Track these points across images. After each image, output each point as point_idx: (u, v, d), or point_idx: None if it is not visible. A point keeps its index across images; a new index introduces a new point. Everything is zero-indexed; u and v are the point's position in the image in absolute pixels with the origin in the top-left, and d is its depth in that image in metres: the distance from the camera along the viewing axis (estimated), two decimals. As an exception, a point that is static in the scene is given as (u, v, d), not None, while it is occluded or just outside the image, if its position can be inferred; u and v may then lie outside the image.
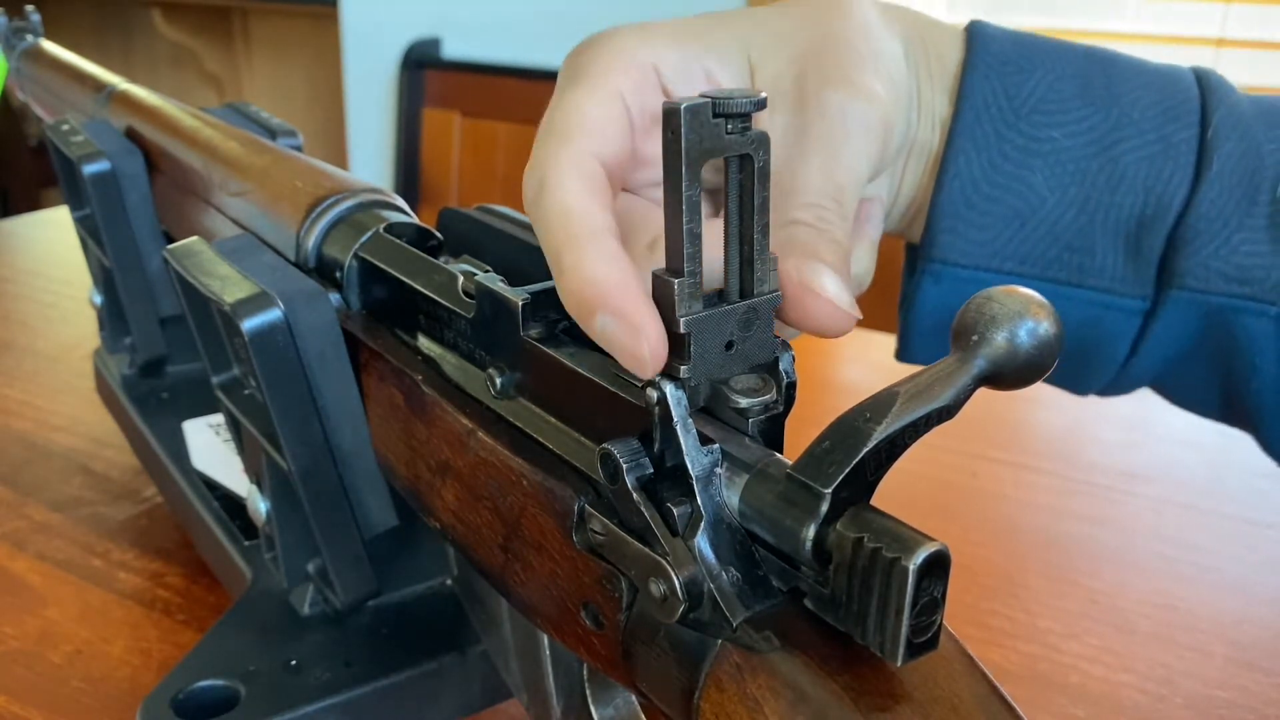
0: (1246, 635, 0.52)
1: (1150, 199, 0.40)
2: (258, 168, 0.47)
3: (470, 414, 0.33)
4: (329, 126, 2.26)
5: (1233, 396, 0.43)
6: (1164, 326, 0.41)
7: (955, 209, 0.41)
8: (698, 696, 0.25)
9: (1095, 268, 0.41)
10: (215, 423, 0.59)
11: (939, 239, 0.42)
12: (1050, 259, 0.41)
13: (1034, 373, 0.23)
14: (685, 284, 0.25)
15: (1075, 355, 0.44)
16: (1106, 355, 0.43)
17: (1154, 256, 0.41)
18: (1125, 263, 0.41)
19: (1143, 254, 0.41)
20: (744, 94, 0.24)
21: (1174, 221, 0.40)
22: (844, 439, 0.23)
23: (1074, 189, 0.41)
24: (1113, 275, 0.41)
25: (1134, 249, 0.41)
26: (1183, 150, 0.40)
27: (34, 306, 0.91)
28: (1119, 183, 0.41)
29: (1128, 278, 0.41)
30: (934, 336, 0.45)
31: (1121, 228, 0.41)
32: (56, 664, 0.48)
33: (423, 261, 0.37)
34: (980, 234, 0.41)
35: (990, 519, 0.63)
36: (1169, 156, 0.40)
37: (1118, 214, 0.41)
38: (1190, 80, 0.42)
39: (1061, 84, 0.41)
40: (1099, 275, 0.41)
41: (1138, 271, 0.41)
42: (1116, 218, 0.41)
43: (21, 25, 0.79)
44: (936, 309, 0.43)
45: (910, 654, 0.22)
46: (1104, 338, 0.43)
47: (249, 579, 0.46)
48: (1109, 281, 0.41)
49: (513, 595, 0.33)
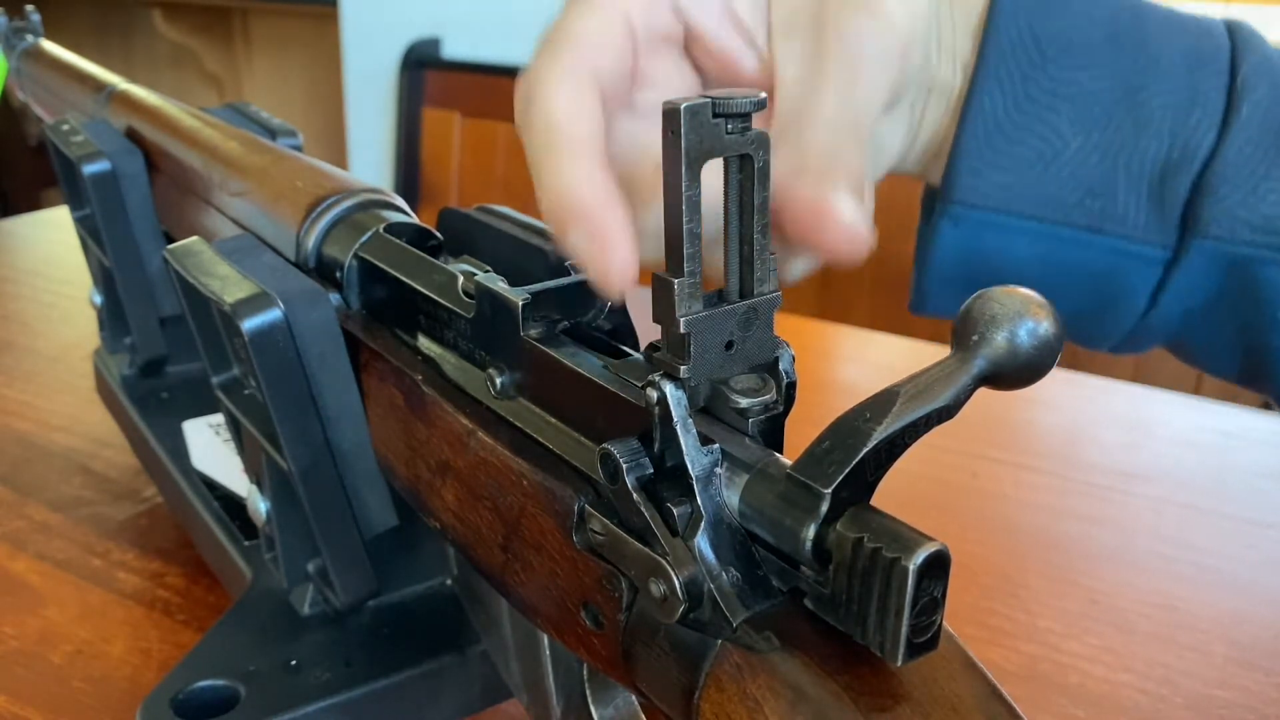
0: (1246, 635, 0.52)
1: (1176, 145, 0.39)
2: (257, 167, 0.47)
3: (470, 414, 0.33)
4: (329, 126, 2.26)
5: (1252, 352, 0.42)
6: (1185, 277, 0.40)
7: (978, 149, 0.40)
8: (698, 696, 0.25)
9: (1117, 214, 0.40)
10: (215, 423, 0.59)
11: (960, 180, 0.41)
12: (1072, 204, 0.41)
13: (1034, 373, 0.23)
14: (685, 284, 0.25)
15: (1092, 307, 0.43)
16: (1124, 307, 0.42)
17: (1178, 204, 0.40)
18: (1148, 210, 0.40)
19: (1166, 201, 0.40)
20: (744, 94, 0.24)
21: (1200, 169, 0.39)
22: (844, 439, 0.23)
23: (1099, 134, 0.40)
24: (1135, 222, 0.40)
25: (1157, 196, 0.40)
26: (1211, 97, 0.39)
27: (34, 306, 0.91)
28: (1145, 128, 0.40)
29: (1150, 225, 0.40)
30: (949, 285, 0.44)
31: (1146, 174, 0.40)
32: (56, 664, 0.48)
33: (423, 261, 0.37)
34: (1002, 176, 0.41)
35: (990, 519, 0.63)
36: (1197, 103, 0.39)
37: (1142, 160, 0.40)
38: (1221, 29, 0.41)
39: (1090, 27, 0.40)
40: (1121, 222, 0.40)
41: (1160, 219, 0.40)
42: (1141, 164, 0.40)
43: (21, 25, 0.79)
44: (954, 254, 0.42)
45: (910, 654, 0.22)
46: (1123, 289, 0.42)
47: (249, 579, 0.46)
48: (1131, 228, 0.40)
49: (513, 595, 0.33)
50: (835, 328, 0.97)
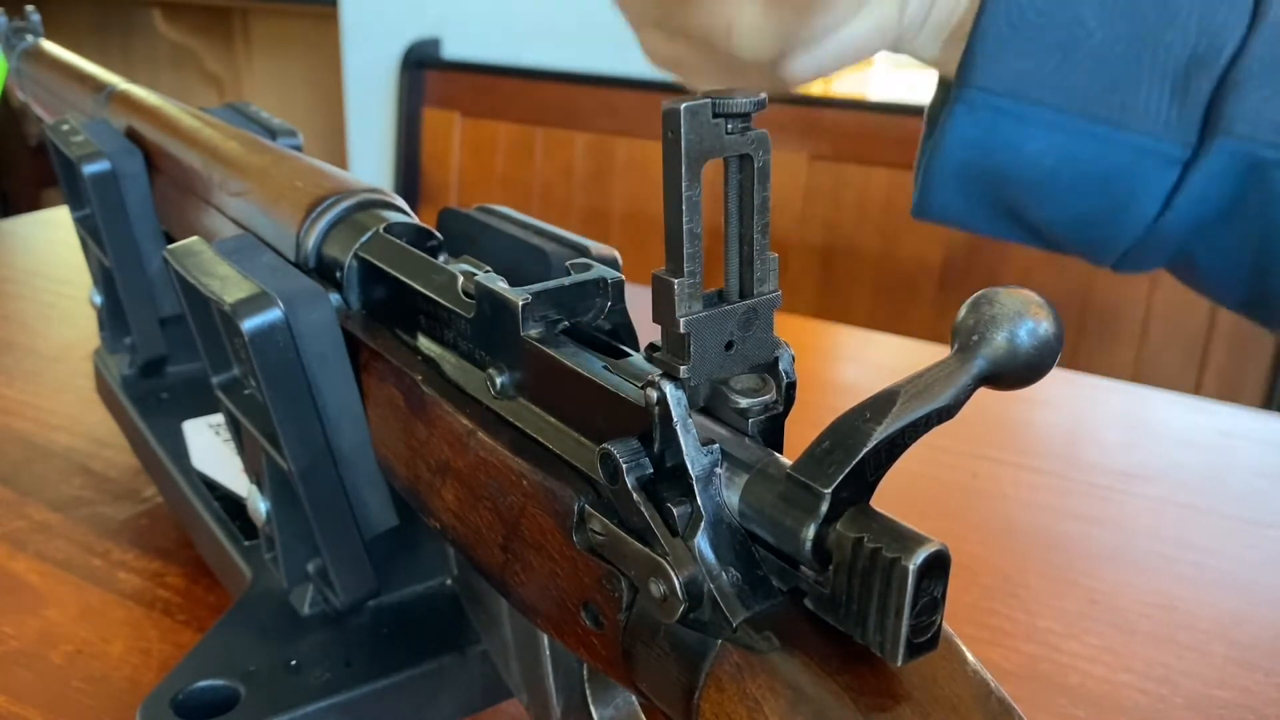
0: (1246, 635, 0.52)
1: (1203, 40, 0.38)
2: (257, 167, 0.47)
3: (470, 414, 0.33)
4: (329, 126, 2.26)
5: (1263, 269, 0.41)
6: (1202, 179, 0.39)
7: (999, 31, 0.39)
8: (698, 696, 0.25)
9: (1138, 108, 0.39)
10: (215, 423, 0.59)
11: (978, 63, 0.40)
12: (1092, 95, 0.40)
13: (1034, 373, 0.23)
14: (685, 284, 0.25)
15: (1103, 209, 0.42)
16: (1136, 210, 0.41)
17: (1201, 100, 0.39)
18: (1170, 105, 0.39)
19: (1190, 97, 0.39)
20: (744, 94, 0.24)
21: (1226, 65, 0.38)
22: (844, 439, 0.23)
23: (1123, 24, 0.39)
24: (1156, 117, 0.39)
25: (1181, 91, 0.39)
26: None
27: (34, 306, 0.91)
28: (1171, 21, 0.39)
29: (1171, 121, 0.39)
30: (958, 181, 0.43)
31: (1170, 68, 0.39)
32: (56, 664, 0.48)
33: (423, 261, 0.37)
34: (1022, 62, 0.39)
35: (990, 519, 0.63)
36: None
37: (1167, 53, 0.39)
38: None
39: None
40: (1142, 116, 0.40)
41: (1182, 116, 0.39)
42: (1165, 57, 0.39)
43: (21, 25, 0.79)
44: (966, 144, 0.41)
45: (910, 654, 0.22)
46: (1137, 189, 0.41)
47: (249, 579, 0.46)
48: (1151, 124, 0.39)
49: (513, 595, 0.33)
50: (835, 328, 0.97)
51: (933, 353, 0.84)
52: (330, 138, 2.23)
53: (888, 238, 1.50)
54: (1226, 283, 0.43)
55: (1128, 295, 1.39)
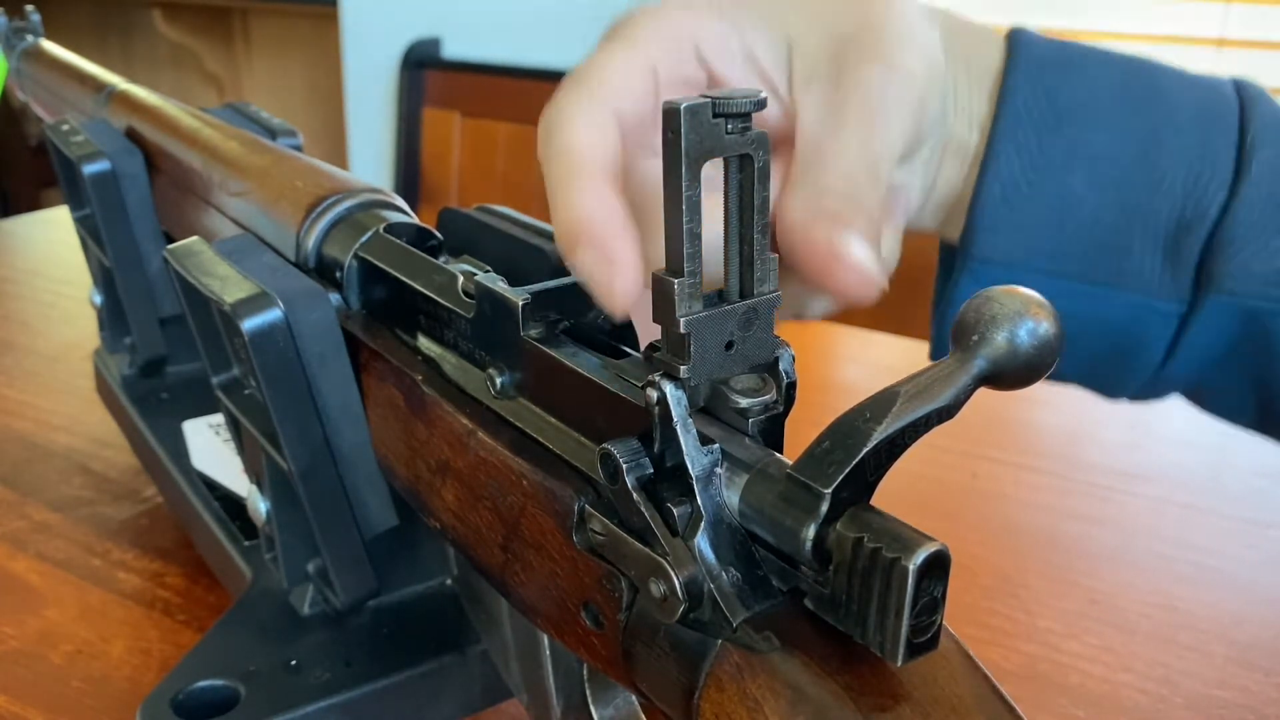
0: (1246, 635, 0.52)
1: (1190, 203, 0.40)
2: (258, 168, 0.47)
3: (470, 414, 0.33)
4: (329, 126, 2.26)
5: (1269, 402, 0.43)
6: (1201, 329, 0.41)
7: (995, 209, 0.41)
8: (698, 696, 0.25)
9: (1133, 269, 0.41)
10: (215, 423, 0.59)
11: (978, 237, 0.42)
12: (1088, 260, 0.41)
13: (1034, 373, 0.23)
14: (685, 284, 0.25)
15: (1110, 358, 0.44)
16: (1142, 359, 0.43)
17: (1192, 260, 0.41)
18: (1163, 265, 0.41)
19: (1181, 257, 0.41)
20: (744, 94, 0.24)
21: (1212, 226, 0.40)
22: (844, 439, 0.23)
23: (1113, 192, 0.41)
24: (1150, 277, 0.41)
25: (1172, 252, 0.41)
26: (1221, 156, 0.40)
27: (34, 306, 0.91)
28: (1158, 186, 0.40)
29: (1165, 280, 0.41)
30: None
31: (1160, 231, 0.41)
32: (56, 664, 0.48)
33: (423, 261, 0.37)
34: (1019, 234, 0.41)
35: (990, 519, 0.63)
36: (1208, 161, 0.40)
37: (1156, 217, 0.41)
38: (1229, 88, 0.42)
39: (1103, 88, 0.41)
40: (1136, 277, 0.41)
41: (1175, 274, 0.41)
42: (1155, 221, 0.41)
43: (21, 25, 0.79)
44: None
45: (910, 654, 0.22)
46: (1140, 341, 0.42)
47: (249, 579, 0.46)
48: (1147, 284, 0.41)
49: (513, 595, 0.33)
50: (835, 328, 0.97)
51: (933, 353, 0.84)
52: (330, 138, 2.23)
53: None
54: (1237, 413, 0.46)
55: (1128, 295, 1.39)
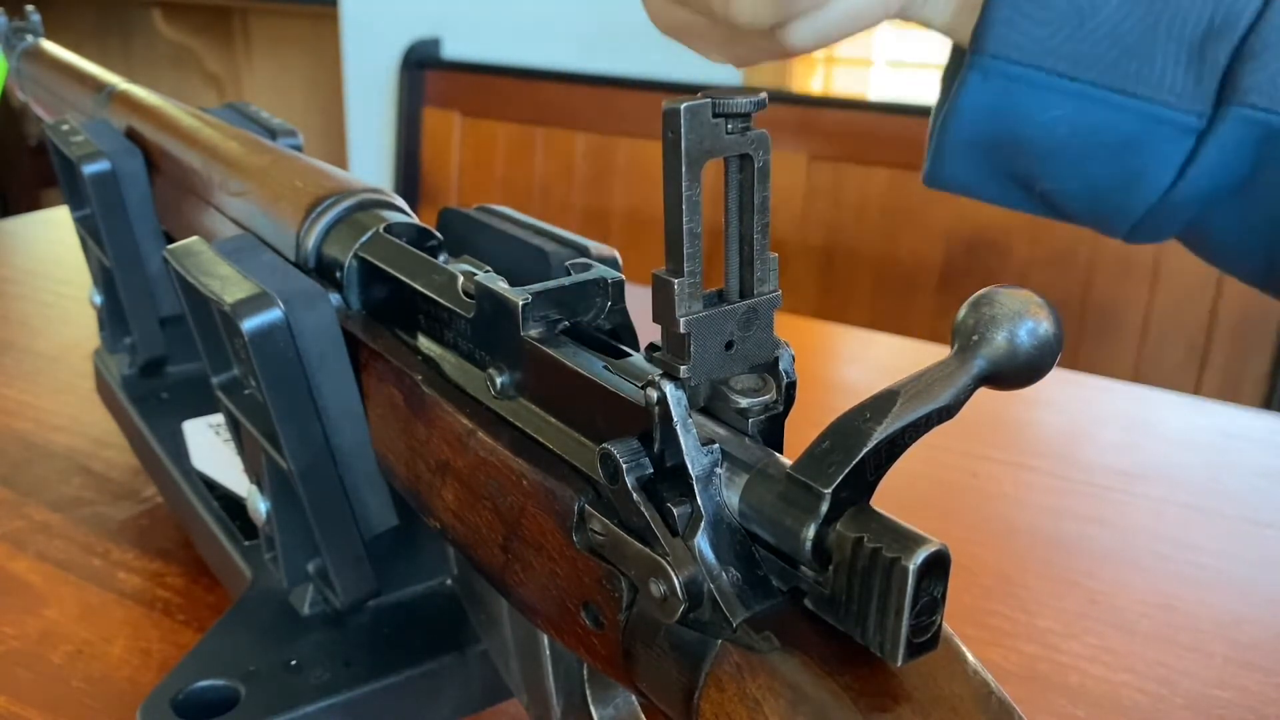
0: (1246, 635, 0.53)
1: (1220, 8, 0.38)
2: (258, 168, 0.47)
3: (470, 414, 0.33)
4: (329, 126, 2.26)
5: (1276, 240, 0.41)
6: (1217, 148, 0.39)
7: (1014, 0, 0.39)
8: (698, 696, 0.25)
9: (1153, 76, 0.39)
10: (215, 423, 0.59)
11: (993, 30, 0.40)
12: (1108, 63, 0.39)
13: (1034, 373, 0.23)
14: (685, 284, 0.25)
15: (1116, 177, 0.42)
16: (1150, 179, 0.41)
17: (1217, 69, 0.39)
18: (1186, 74, 0.39)
19: (1206, 65, 0.39)
20: (744, 94, 0.24)
21: (1243, 34, 0.38)
22: (844, 439, 0.23)
23: None
24: (1171, 86, 0.39)
25: (1197, 60, 0.39)
26: None
27: (34, 306, 0.91)
28: None
29: (1186, 90, 0.39)
30: (971, 148, 0.42)
31: (1186, 36, 0.39)
32: (56, 664, 0.48)
33: (423, 261, 0.37)
34: (1038, 29, 0.39)
35: (990, 519, 0.63)
36: None
37: (1184, 21, 0.39)
38: None
39: None
40: (1157, 85, 0.39)
41: (1198, 84, 0.39)
42: (1182, 25, 0.39)
43: (21, 25, 0.79)
44: (979, 112, 0.41)
45: (910, 654, 0.22)
46: (1151, 158, 0.40)
47: (249, 579, 0.46)
48: (1166, 93, 0.39)
49: (513, 595, 0.33)
50: (835, 328, 0.97)
51: (933, 353, 0.84)
52: (330, 138, 2.24)
53: (888, 238, 1.50)
54: (1239, 254, 0.43)
55: (1128, 295, 1.39)
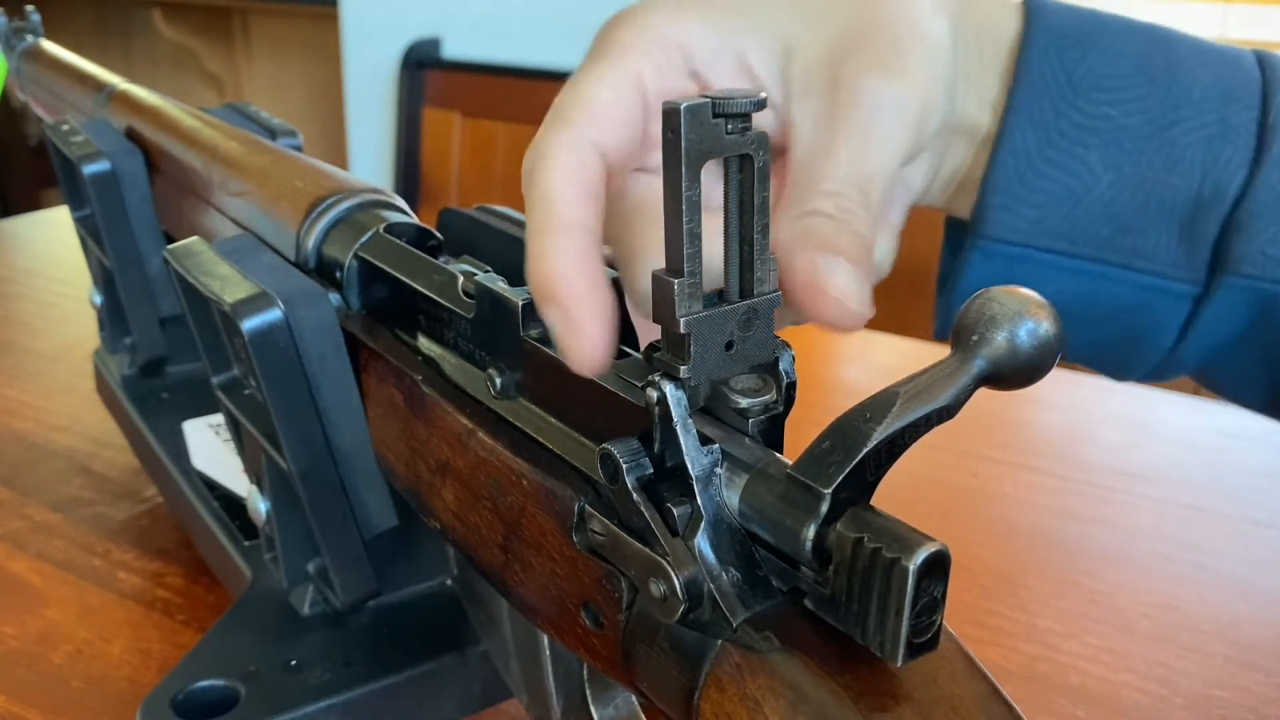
0: (1246, 635, 0.52)
1: (1207, 182, 0.39)
2: (258, 168, 0.47)
3: (470, 414, 0.33)
4: (329, 126, 2.26)
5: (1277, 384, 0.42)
6: (1214, 312, 0.40)
7: (1009, 185, 0.40)
8: (698, 696, 0.25)
9: (1148, 250, 0.40)
10: (215, 423, 0.59)
11: (990, 215, 0.41)
12: (1102, 240, 0.40)
13: (1034, 373, 0.23)
14: (685, 284, 0.25)
15: (1122, 340, 0.43)
16: (1154, 341, 0.42)
17: (1208, 241, 0.40)
18: (1178, 246, 0.40)
19: (1197, 238, 0.40)
20: (744, 94, 0.24)
21: (1230, 206, 0.39)
22: (844, 439, 0.23)
23: (1130, 169, 0.40)
24: (1165, 258, 0.40)
25: (1188, 232, 0.40)
26: (1242, 133, 0.39)
27: (34, 306, 0.91)
28: (1175, 164, 0.39)
29: (1180, 261, 0.40)
30: None
31: (1176, 210, 0.40)
32: (56, 664, 0.48)
33: (423, 261, 0.37)
34: (1032, 211, 0.40)
35: (990, 519, 0.63)
36: (1228, 139, 0.39)
37: (1173, 196, 0.40)
38: (1252, 62, 0.41)
39: (1121, 61, 0.40)
40: (1151, 258, 0.40)
41: (1191, 255, 0.40)
42: (1172, 200, 0.40)
43: (21, 25, 0.79)
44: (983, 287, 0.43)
45: (910, 654, 0.22)
46: (1152, 322, 0.42)
47: (249, 579, 0.46)
48: (1161, 265, 0.40)
49: (513, 595, 0.33)
50: (835, 328, 0.97)
51: (933, 353, 0.84)
52: (330, 138, 2.23)
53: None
54: (1248, 396, 0.45)
55: (1128, 295, 1.39)
